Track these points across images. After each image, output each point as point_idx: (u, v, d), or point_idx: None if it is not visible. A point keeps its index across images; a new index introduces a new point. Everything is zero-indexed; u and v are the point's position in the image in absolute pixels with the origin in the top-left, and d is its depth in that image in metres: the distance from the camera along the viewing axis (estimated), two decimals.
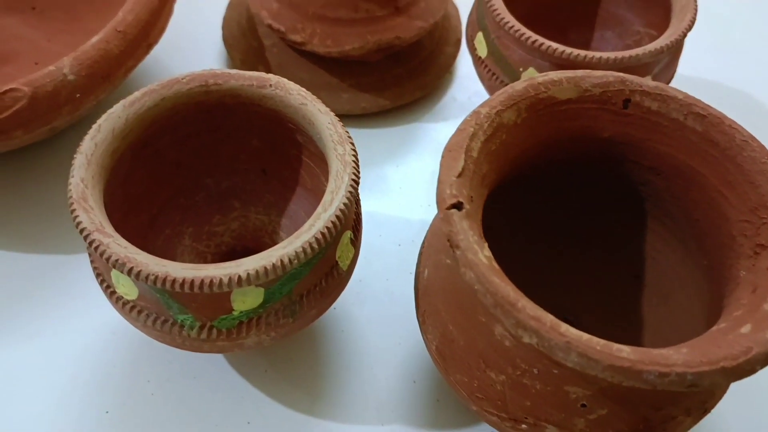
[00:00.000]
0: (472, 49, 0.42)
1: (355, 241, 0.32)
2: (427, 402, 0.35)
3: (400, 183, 0.44)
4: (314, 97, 0.32)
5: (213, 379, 0.35)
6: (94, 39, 0.37)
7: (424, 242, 0.33)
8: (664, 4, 0.41)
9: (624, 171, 0.34)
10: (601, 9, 0.45)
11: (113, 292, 0.29)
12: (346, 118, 0.46)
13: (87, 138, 0.30)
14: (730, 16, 0.56)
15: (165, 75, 0.45)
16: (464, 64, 0.50)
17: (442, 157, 0.28)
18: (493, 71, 0.40)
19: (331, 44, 0.43)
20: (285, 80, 0.33)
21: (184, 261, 0.35)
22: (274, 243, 0.37)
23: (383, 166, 0.45)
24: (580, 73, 0.31)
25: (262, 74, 0.33)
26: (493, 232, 0.29)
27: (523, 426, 0.27)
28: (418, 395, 0.35)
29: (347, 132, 0.31)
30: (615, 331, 0.31)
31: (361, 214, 0.33)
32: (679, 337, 0.30)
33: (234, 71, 0.33)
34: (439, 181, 0.27)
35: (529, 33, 0.37)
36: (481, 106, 0.29)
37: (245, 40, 0.47)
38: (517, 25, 0.37)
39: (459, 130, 0.28)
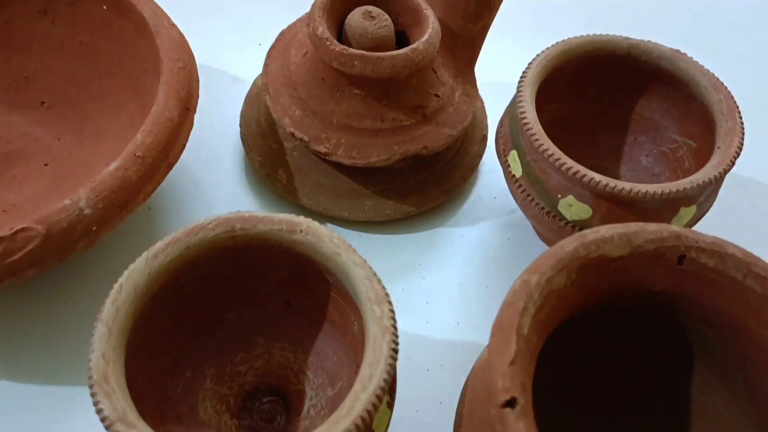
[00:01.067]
0: (505, 165, 0.40)
1: (392, 403, 0.30)
2: None
3: (426, 297, 0.42)
4: (348, 245, 0.31)
5: None
6: (112, 167, 0.35)
7: (463, 398, 0.31)
8: (704, 116, 0.39)
9: (674, 320, 0.32)
10: (634, 113, 0.43)
11: None
12: (370, 225, 0.45)
13: (108, 302, 0.28)
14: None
15: (179, 182, 0.43)
16: (489, 160, 0.48)
17: (492, 336, 0.26)
18: (528, 193, 0.38)
19: (356, 155, 0.41)
20: (317, 225, 0.31)
21: (205, 407, 0.33)
22: (299, 382, 0.35)
23: (408, 279, 0.43)
24: (632, 227, 0.29)
25: (293, 218, 0.31)
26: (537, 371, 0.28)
27: None
28: None
29: (385, 289, 0.30)
30: None
31: (396, 372, 0.31)
32: None
33: (262, 214, 0.31)
34: (491, 370, 0.25)
35: (569, 162, 0.35)
36: (530, 273, 0.27)
37: (264, 141, 0.45)
38: (557, 152, 0.35)
39: (508, 304, 0.26)
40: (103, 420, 0.25)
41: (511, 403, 0.24)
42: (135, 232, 0.43)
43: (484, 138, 0.48)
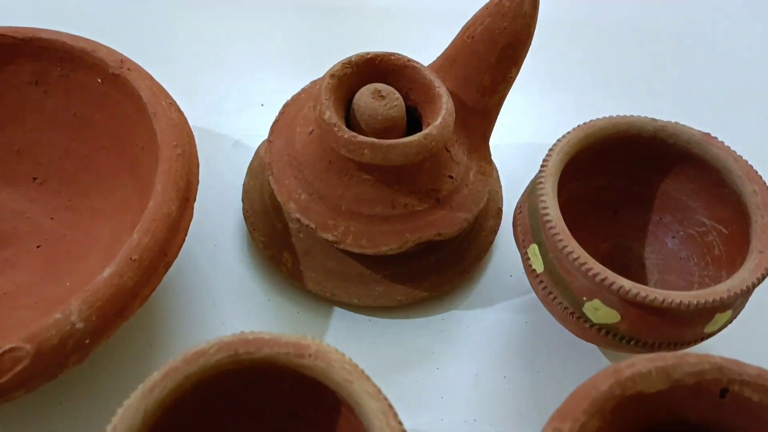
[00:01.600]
0: (524, 256, 0.37)
1: None
2: None
3: (440, 391, 0.40)
4: (361, 372, 0.28)
5: None
6: (106, 273, 0.32)
7: None
8: (736, 204, 0.37)
9: None
10: (660, 192, 0.41)
11: None
12: (380, 310, 0.42)
13: None
14: None
15: (178, 262, 0.40)
16: (504, 234, 0.46)
17: None
18: (551, 291, 0.35)
19: (366, 244, 0.38)
20: (327, 349, 0.29)
21: None
22: None
23: (421, 369, 0.40)
24: (670, 359, 0.27)
25: (301, 340, 0.29)
26: None
27: None
28: None
29: (402, 425, 0.27)
30: None
31: None
32: None
33: (268, 336, 0.29)
34: None
35: (597, 267, 0.33)
36: (562, 419, 0.25)
37: (268, 220, 0.43)
38: (583, 255, 0.33)
39: None
40: None
41: None
42: (131, 324, 0.40)
43: (499, 211, 0.45)
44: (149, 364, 0.40)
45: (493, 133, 0.43)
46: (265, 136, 0.44)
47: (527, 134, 0.51)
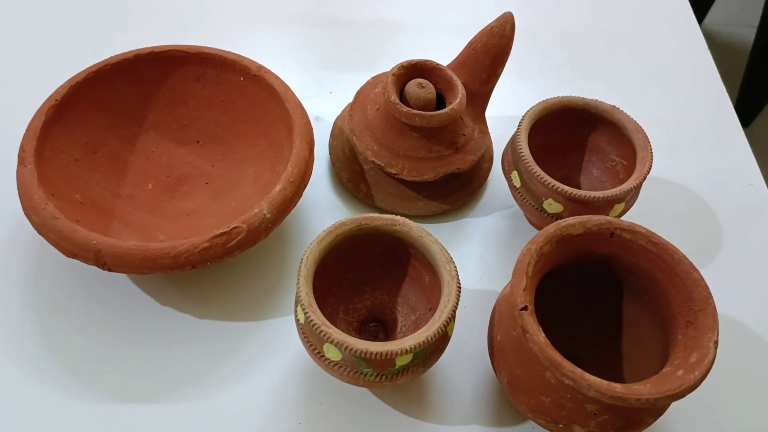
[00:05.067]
0: (509, 179, 0.64)
1: (454, 314, 0.54)
2: (493, 409, 0.57)
3: (459, 264, 0.66)
4: (428, 232, 0.54)
5: (362, 400, 0.57)
6: (278, 188, 0.57)
7: (493, 316, 0.55)
8: (630, 146, 0.63)
9: (611, 269, 0.56)
10: (589, 141, 0.67)
11: (322, 356, 0.51)
12: (420, 217, 0.68)
13: (302, 265, 0.51)
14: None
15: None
16: (495, 173, 0.72)
17: (513, 276, 0.50)
18: (525, 197, 0.62)
19: (415, 174, 0.64)
20: (407, 221, 0.55)
21: (341, 330, 0.57)
22: (393, 313, 0.59)
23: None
24: (585, 218, 0.53)
25: (394, 217, 0.55)
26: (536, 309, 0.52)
27: (560, 425, 0.50)
28: (486, 406, 0.58)
29: (449, 254, 0.53)
30: (605, 364, 0.54)
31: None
32: (645, 368, 0.52)
33: (376, 215, 0.55)
34: (513, 294, 0.49)
35: (549, 179, 0.59)
36: (531, 243, 0.51)
37: (349, 164, 0.69)
38: (541, 173, 0.59)
39: (519, 261, 0.50)
40: (313, 327, 0.48)
41: (524, 309, 0.48)
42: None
43: (491, 158, 0.72)
44: (285, 251, 0.66)
45: (487, 108, 0.69)
46: (335, 113, 0.70)
47: (506, 109, 0.77)
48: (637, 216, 0.65)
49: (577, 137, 0.68)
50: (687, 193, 0.73)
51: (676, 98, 0.83)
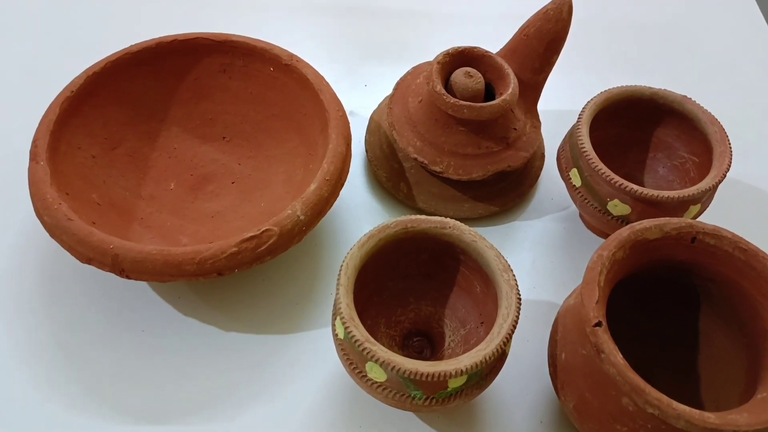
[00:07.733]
0: (567, 179, 0.57)
1: (513, 331, 0.48)
2: None
3: None
4: (481, 236, 0.48)
5: (407, 425, 0.51)
6: (312, 187, 0.52)
7: (556, 330, 0.49)
8: (704, 141, 0.57)
9: (689, 278, 0.49)
10: (654, 137, 0.61)
11: (363, 376, 0.45)
12: (465, 220, 0.62)
13: (342, 273, 0.45)
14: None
15: None
16: (546, 171, 0.66)
17: (583, 287, 0.43)
18: (586, 198, 0.55)
19: (462, 173, 0.58)
20: (459, 223, 0.49)
21: (383, 345, 0.51)
22: (440, 327, 0.53)
23: None
24: (662, 220, 0.47)
25: (443, 219, 0.49)
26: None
27: None
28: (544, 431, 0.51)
29: (507, 262, 0.47)
30: (678, 387, 0.47)
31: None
32: (725, 392, 0.46)
33: (423, 217, 0.49)
34: (584, 307, 0.43)
35: (616, 177, 0.53)
36: (602, 249, 0.45)
37: (388, 162, 0.63)
38: (606, 170, 0.53)
39: (590, 269, 0.44)
40: (355, 342, 0.43)
41: (598, 324, 0.42)
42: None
43: (543, 156, 0.66)
44: (319, 256, 0.60)
45: (539, 100, 0.63)
46: (371, 108, 0.64)
47: (561, 102, 0.71)
48: (709, 221, 0.58)
49: (640, 132, 0.61)
50: (761, 196, 0.66)
51: (741, 93, 0.77)
